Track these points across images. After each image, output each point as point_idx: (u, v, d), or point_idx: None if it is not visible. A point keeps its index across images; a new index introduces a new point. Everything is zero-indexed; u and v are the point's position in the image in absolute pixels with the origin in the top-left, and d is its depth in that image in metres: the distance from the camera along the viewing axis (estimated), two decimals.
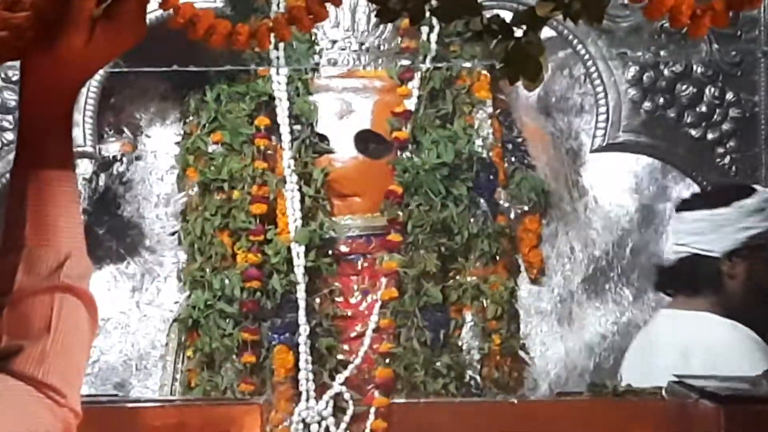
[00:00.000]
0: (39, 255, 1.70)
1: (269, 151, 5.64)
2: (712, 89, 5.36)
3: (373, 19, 5.35)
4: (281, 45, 5.38)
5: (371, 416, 5.52)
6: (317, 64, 5.64)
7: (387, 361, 5.56)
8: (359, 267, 5.66)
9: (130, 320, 5.69)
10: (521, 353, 5.69)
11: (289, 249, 5.56)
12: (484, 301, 5.62)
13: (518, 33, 2.85)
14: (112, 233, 5.77)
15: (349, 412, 5.54)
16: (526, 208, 5.76)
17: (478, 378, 5.59)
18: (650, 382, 4.41)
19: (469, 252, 5.66)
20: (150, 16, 1.91)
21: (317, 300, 5.60)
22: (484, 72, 5.65)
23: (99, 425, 3.37)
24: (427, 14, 2.86)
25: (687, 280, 4.99)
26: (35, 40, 1.70)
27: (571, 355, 5.77)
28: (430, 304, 5.60)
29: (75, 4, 1.68)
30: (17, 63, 1.76)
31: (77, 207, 1.77)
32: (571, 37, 5.23)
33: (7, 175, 1.94)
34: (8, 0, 1.66)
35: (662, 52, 5.34)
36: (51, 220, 1.71)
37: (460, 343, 5.63)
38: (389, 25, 5.42)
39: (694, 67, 5.36)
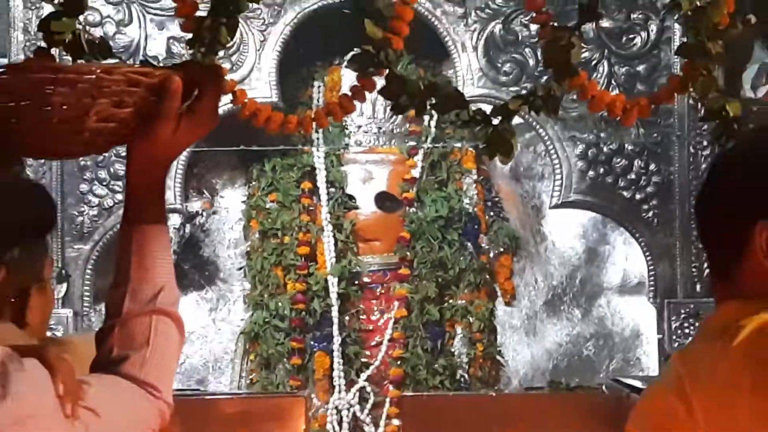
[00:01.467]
0: (141, 288, 1.70)
1: (311, 208, 5.64)
2: (639, 162, 5.35)
3: (389, 110, 5.37)
4: (320, 130, 5.40)
5: (387, 404, 5.49)
6: (347, 144, 5.66)
7: (399, 363, 5.54)
8: (378, 293, 5.64)
9: (208, 333, 5.68)
10: (498, 358, 5.66)
11: (326, 280, 5.55)
12: (471, 319, 5.61)
13: (495, 121, 2.84)
14: (195, 268, 5.76)
15: (371, 401, 5.52)
16: (501, 249, 5.75)
17: (466, 376, 5.56)
18: None
19: (460, 282, 5.64)
20: (223, 108, 1.90)
21: (347, 318, 5.59)
22: (471, 149, 5.65)
23: (185, 413, 3.35)
24: (428, 107, 2.85)
25: None
26: (136, 129, 1.69)
27: (535, 359, 5.73)
28: (431, 321, 5.59)
29: (165, 103, 1.68)
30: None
31: (169, 250, 1.76)
32: (534, 123, 5.22)
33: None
34: (117, 100, 1.66)
35: (602, 134, 5.33)
36: (149, 261, 1.71)
37: (453, 350, 5.61)
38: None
39: (626, 146, 5.34)
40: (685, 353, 1.69)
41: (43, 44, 2.66)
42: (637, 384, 4.06)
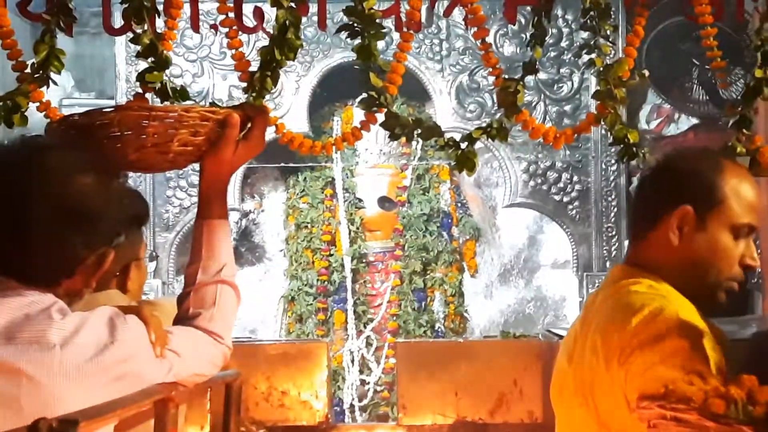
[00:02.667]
0: (209, 264, 1.70)
1: (332, 207, 5.64)
2: (566, 174, 5.35)
3: (387, 138, 5.37)
4: (338, 151, 5.40)
5: (386, 348, 5.50)
6: (357, 162, 5.66)
7: (394, 318, 5.54)
8: (379, 268, 5.65)
9: (257, 296, 5.68)
10: (465, 314, 5.67)
11: (342, 259, 5.56)
12: (446, 287, 5.61)
13: (463, 145, 2.85)
14: (249, 251, 5.76)
15: (374, 345, 5.52)
16: (468, 237, 5.75)
17: (443, 327, 5.57)
18: None
19: (438, 260, 5.64)
20: (269, 136, 1.91)
21: (357, 286, 5.59)
22: (446, 165, 5.65)
23: (241, 354, 3.35)
24: (415, 136, 2.86)
25: None
26: (207, 151, 1.69)
27: (491, 316, 5.73)
28: (417, 288, 5.59)
29: (227, 133, 1.68)
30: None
31: (229, 237, 1.76)
32: (491, 146, 5.23)
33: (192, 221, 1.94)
34: (193, 131, 1.66)
35: (539, 155, 5.34)
36: (215, 245, 1.71)
37: (433, 309, 5.61)
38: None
39: (557, 163, 5.35)
40: (588, 298, 1.81)
41: (140, 90, 2.66)
42: (564, 334, 4.06)
